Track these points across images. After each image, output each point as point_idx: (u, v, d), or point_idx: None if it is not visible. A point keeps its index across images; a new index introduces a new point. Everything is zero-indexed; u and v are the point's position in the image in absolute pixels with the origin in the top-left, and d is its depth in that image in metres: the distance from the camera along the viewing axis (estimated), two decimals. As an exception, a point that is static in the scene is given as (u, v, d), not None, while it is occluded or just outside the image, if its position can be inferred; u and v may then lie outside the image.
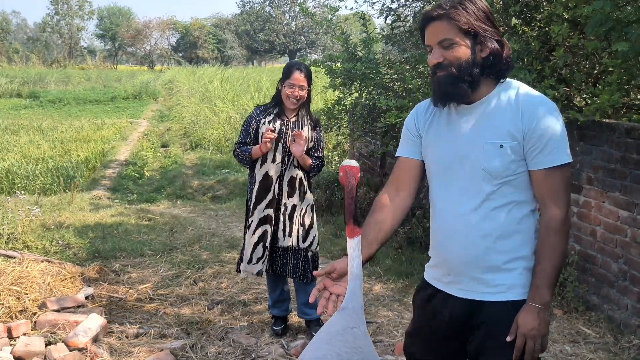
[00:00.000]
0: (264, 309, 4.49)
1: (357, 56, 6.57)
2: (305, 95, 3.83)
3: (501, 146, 1.83)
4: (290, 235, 3.88)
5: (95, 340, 3.75)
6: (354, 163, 1.93)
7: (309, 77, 3.82)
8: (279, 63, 68.43)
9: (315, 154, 3.95)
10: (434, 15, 1.85)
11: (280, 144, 3.82)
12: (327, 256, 6.04)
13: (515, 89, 1.89)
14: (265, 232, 3.87)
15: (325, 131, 7.26)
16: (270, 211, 3.86)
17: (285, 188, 3.87)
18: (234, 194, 10.78)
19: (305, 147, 3.82)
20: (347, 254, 1.93)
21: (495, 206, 1.87)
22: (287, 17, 64.60)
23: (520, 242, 1.89)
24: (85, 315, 4.00)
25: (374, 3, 7.00)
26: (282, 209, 3.87)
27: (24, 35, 72.36)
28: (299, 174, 3.90)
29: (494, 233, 1.88)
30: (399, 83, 6.28)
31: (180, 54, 65.19)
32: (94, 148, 14.51)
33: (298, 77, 3.75)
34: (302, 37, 62.84)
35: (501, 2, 5.03)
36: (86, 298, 4.57)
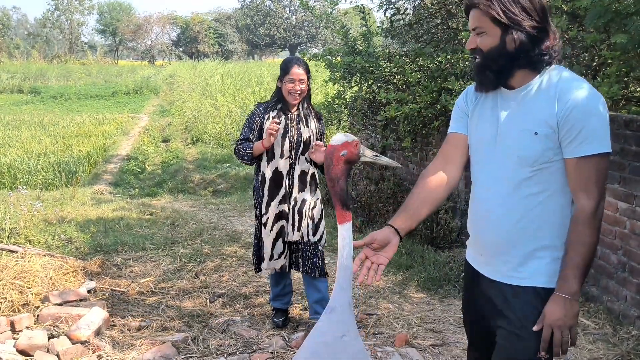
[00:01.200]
0: (265, 301, 4.52)
1: (357, 50, 6.58)
2: (306, 88, 3.84)
3: (535, 134, 1.82)
4: (299, 230, 3.87)
5: (98, 333, 3.78)
6: (336, 140, 1.91)
7: (307, 71, 3.84)
8: (279, 57, 68.26)
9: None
10: (471, 3, 1.87)
11: (287, 139, 3.81)
12: (327, 249, 6.07)
13: (557, 75, 1.86)
14: (282, 228, 3.88)
15: (325, 125, 7.28)
16: (285, 207, 3.86)
17: (296, 182, 3.86)
18: (235, 188, 10.81)
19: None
20: (386, 226, 1.91)
21: (530, 193, 1.86)
22: (288, 11, 64.44)
23: (553, 231, 1.88)
24: (87, 308, 4.02)
25: (373, -4, 7.01)
26: (292, 203, 3.86)
27: (25, 31, 72.29)
28: (311, 169, 3.90)
29: (524, 219, 1.87)
30: (398, 76, 6.29)
31: (181, 49, 65.07)
32: (96, 143, 14.55)
33: (297, 71, 3.77)
34: (303, 31, 62.71)
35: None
36: (88, 292, 4.59)
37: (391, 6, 6.57)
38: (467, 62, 5.37)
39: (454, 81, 5.18)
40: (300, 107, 3.88)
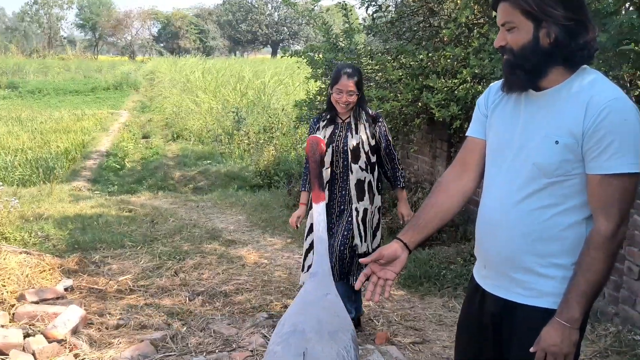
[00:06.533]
0: (244, 299, 4.49)
1: (339, 47, 6.57)
2: (355, 100, 3.66)
3: (556, 142, 1.66)
4: (366, 240, 3.76)
5: (75, 331, 3.72)
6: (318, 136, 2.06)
7: (358, 83, 3.64)
8: (261, 54, 68.18)
9: (387, 150, 3.78)
10: None
11: (331, 148, 3.70)
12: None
13: (590, 80, 1.69)
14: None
15: (307, 122, 7.26)
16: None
17: (353, 192, 3.70)
18: (216, 185, 10.76)
19: (364, 146, 3.70)
20: (395, 239, 1.88)
21: (540, 205, 1.71)
22: (270, 8, 64.35)
23: (563, 249, 1.72)
24: (64, 306, 3.96)
25: (355, -7, 7.00)
26: (355, 213, 3.71)
27: (2, 25, 71.02)
28: (367, 176, 3.72)
29: (533, 233, 1.73)
30: (380, 74, 6.29)
31: (162, 45, 64.63)
32: (74, 139, 14.38)
33: (346, 83, 3.59)
34: (285, 28, 62.66)
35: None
36: (65, 290, 4.53)
37: (373, 3, 6.56)
38: (448, 60, 5.38)
39: (435, 79, 5.19)
40: (352, 115, 3.72)
